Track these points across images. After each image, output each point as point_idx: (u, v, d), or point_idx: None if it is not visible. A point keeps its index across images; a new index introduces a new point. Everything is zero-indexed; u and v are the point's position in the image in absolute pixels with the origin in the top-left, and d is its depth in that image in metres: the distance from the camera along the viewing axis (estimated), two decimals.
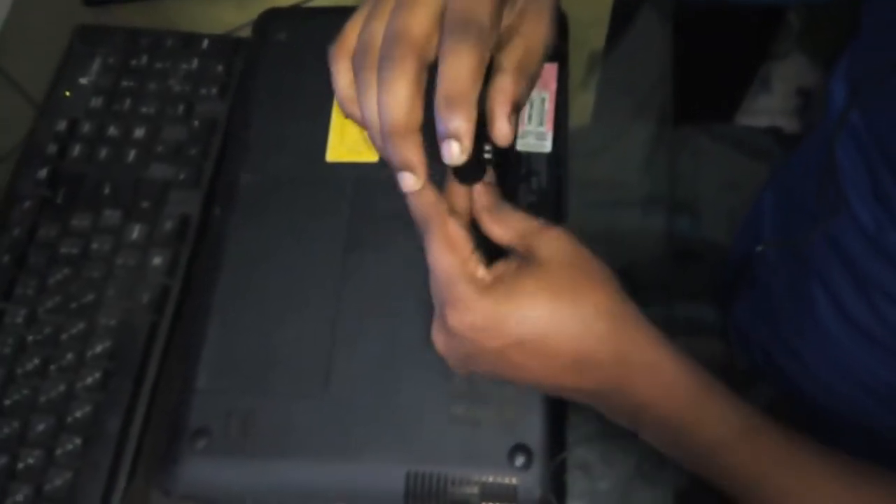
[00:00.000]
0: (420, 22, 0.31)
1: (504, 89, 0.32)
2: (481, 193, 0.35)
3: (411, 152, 0.31)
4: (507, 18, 0.33)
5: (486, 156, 0.43)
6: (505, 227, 0.34)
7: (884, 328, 0.46)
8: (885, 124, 0.41)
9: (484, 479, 0.36)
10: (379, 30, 0.32)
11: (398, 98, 0.30)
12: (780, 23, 1.06)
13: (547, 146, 0.44)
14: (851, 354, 0.49)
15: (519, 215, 0.35)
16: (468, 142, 0.30)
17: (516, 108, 0.33)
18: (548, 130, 0.44)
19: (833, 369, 0.51)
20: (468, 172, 0.34)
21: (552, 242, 0.33)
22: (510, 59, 0.33)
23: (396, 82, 0.30)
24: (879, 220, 0.43)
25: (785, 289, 0.54)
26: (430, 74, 0.31)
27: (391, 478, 0.36)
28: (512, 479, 0.36)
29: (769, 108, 1.20)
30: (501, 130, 0.32)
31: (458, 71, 0.29)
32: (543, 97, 0.45)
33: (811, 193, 0.50)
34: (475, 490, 0.36)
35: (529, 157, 0.43)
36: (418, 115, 0.31)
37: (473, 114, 0.30)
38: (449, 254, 0.32)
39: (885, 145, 0.41)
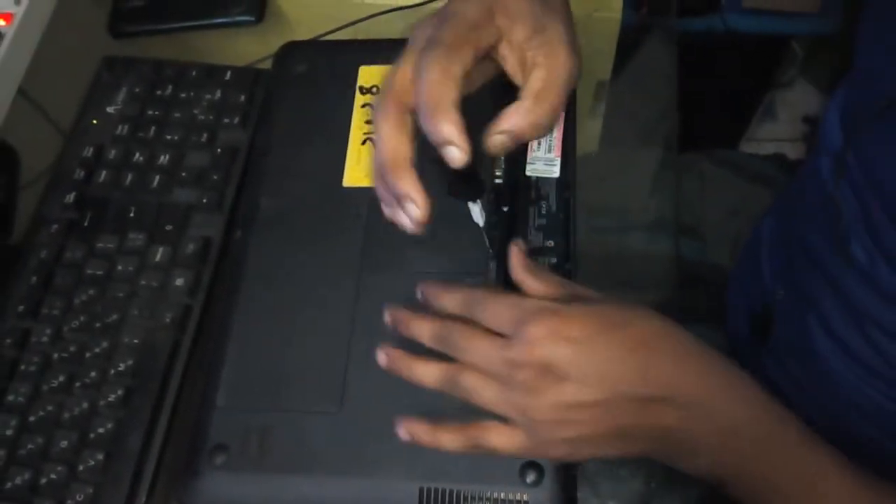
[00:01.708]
0: (401, 71, 0.36)
1: (507, 114, 0.36)
2: (519, 257, 0.37)
3: (404, 183, 0.35)
4: (527, 52, 0.37)
5: (497, 181, 0.45)
6: (546, 284, 0.37)
7: (878, 357, 0.46)
8: (876, 162, 0.42)
9: (495, 495, 0.36)
10: None
11: (381, 136, 0.35)
12: (784, 51, 1.08)
13: (555, 171, 0.45)
14: (846, 379, 0.49)
15: (554, 275, 0.38)
16: (461, 141, 0.33)
17: (531, 132, 0.36)
18: (556, 157, 0.45)
19: (827, 392, 0.51)
20: (463, 189, 0.37)
21: (592, 290, 0.37)
22: (528, 89, 0.36)
23: (379, 124, 0.35)
24: (871, 254, 0.44)
25: (781, 316, 0.55)
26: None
27: (404, 494, 0.37)
28: (523, 496, 0.36)
29: (774, 135, 1.21)
30: (487, 142, 0.36)
31: (429, 79, 0.33)
32: None
33: (808, 224, 0.51)
34: None
35: (539, 182, 0.45)
36: (403, 150, 0.35)
37: (455, 116, 0.33)
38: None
39: (876, 182, 0.42)
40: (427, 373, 0.36)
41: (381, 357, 0.37)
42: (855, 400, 0.49)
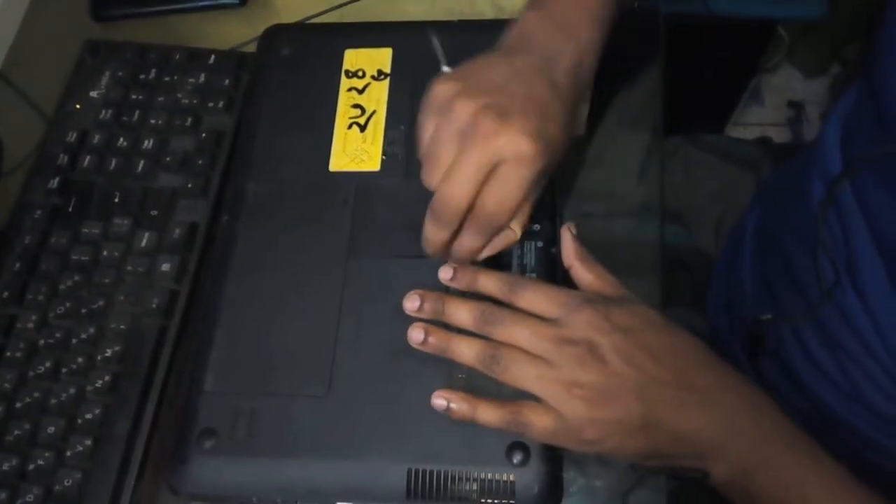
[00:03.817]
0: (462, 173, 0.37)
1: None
2: (572, 243, 0.39)
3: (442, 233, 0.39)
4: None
5: None
6: (596, 275, 0.39)
7: (850, 384, 0.47)
8: (874, 203, 0.42)
9: (483, 475, 0.37)
10: None
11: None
12: (770, 36, 1.08)
13: None
14: (823, 400, 0.50)
15: (604, 269, 0.39)
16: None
17: None
18: None
19: (807, 405, 0.52)
20: None
21: (632, 293, 0.39)
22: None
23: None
24: (846, 287, 0.44)
25: (770, 337, 0.55)
26: None
27: (393, 475, 0.37)
28: (510, 476, 0.37)
29: (760, 119, 1.22)
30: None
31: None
32: None
33: (791, 240, 0.51)
34: (474, 486, 0.37)
35: None
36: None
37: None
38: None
39: (871, 220, 0.42)
40: (466, 348, 0.37)
41: (417, 333, 0.37)
42: (834, 419, 0.50)
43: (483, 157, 0.35)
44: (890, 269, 0.41)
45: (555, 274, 0.42)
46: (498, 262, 0.42)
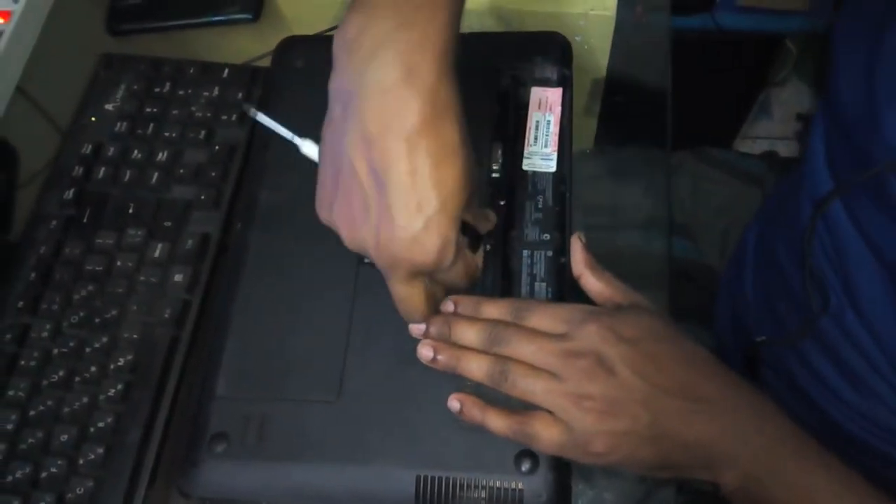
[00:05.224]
0: None
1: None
2: (581, 252, 0.40)
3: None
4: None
5: (494, 175, 0.45)
6: (605, 283, 0.39)
7: (851, 395, 0.47)
8: (866, 216, 0.43)
9: (491, 483, 0.37)
10: None
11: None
12: (778, 50, 1.08)
13: (552, 166, 0.46)
14: (827, 412, 0.50)
15: (613, 276, 0.39)
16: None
17: None
18: (553, 151, 0.46)
19: (811, 417, 0.52)
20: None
21: (643, 297, 0.39)
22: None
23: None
24: (841, 300, 0.45)
25: (767, 357, 0.55)
26: None
27: (401, 482, 0.37)
28: (518, 484, 0.37)
29: (769, 133, 1.22)
30: None
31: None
32: (549, 119, 0.47)
33: (786, 256, 0.52)
34: (483, 494, 0.37)
35: (535, 176, 0.45)
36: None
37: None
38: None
39: (865, 233, 0.42)
40: (476, 365, 0.37)
41: (426, 351, 0.38)
42: (839, 430, 0.50)
43: (407, 283, 0.36)
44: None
45: (564, 283, 0.42)
46: (508, 272, 0.42)
